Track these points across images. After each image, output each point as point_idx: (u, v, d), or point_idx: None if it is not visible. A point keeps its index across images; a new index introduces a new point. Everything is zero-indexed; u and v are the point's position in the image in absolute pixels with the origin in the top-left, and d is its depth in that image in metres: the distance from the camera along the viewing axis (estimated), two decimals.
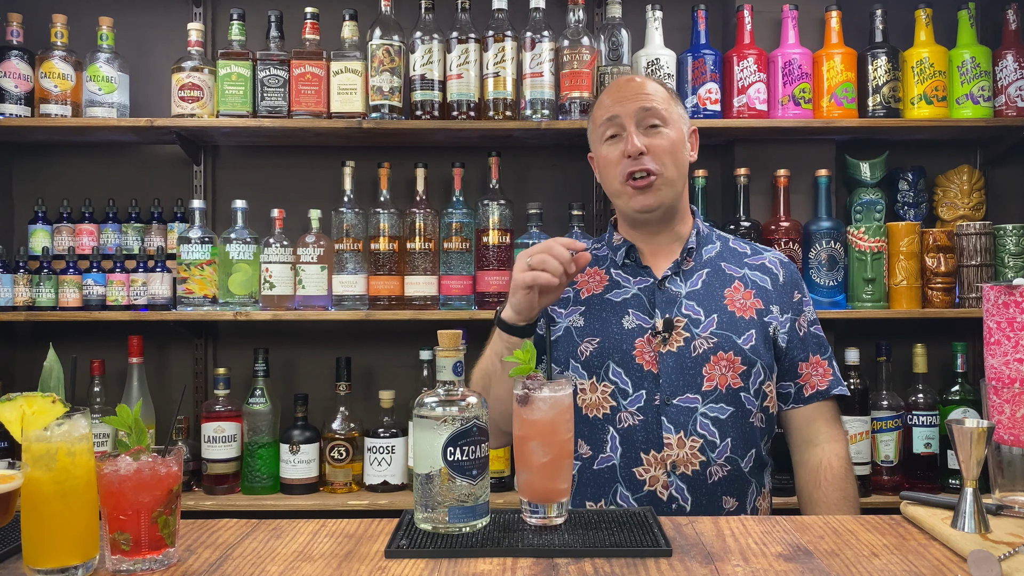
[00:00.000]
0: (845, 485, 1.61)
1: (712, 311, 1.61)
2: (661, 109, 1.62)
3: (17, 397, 1.05)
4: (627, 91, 1.65)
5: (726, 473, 1.55)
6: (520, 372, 1.22)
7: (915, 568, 1.06)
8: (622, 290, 1.65)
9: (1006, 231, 2.50)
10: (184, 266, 2.43)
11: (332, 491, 2.44)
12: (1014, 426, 1.19)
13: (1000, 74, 2.54)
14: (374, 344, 2.69)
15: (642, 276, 1.66)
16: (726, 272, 1.67)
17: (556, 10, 2.63)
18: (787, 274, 1.69)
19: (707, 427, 1.55)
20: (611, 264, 1.70)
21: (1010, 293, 1.21)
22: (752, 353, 1.58)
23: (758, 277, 1.67)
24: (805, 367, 1.65)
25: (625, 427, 1.56)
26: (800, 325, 1.66)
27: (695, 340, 1.58)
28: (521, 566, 1.06)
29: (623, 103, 1.63)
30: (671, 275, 1.64)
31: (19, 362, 2.69)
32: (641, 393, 1.56)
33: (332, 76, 2.46)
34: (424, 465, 1.16)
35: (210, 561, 1.10)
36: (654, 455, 1.54)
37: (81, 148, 2.70)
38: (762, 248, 1.76)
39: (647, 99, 1.62)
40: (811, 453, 1.66)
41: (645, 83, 1.66)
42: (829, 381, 1.66)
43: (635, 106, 1.61)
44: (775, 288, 1.66)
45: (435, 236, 2.48)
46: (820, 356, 1.67)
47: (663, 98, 1.64)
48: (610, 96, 1.67)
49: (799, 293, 1.69)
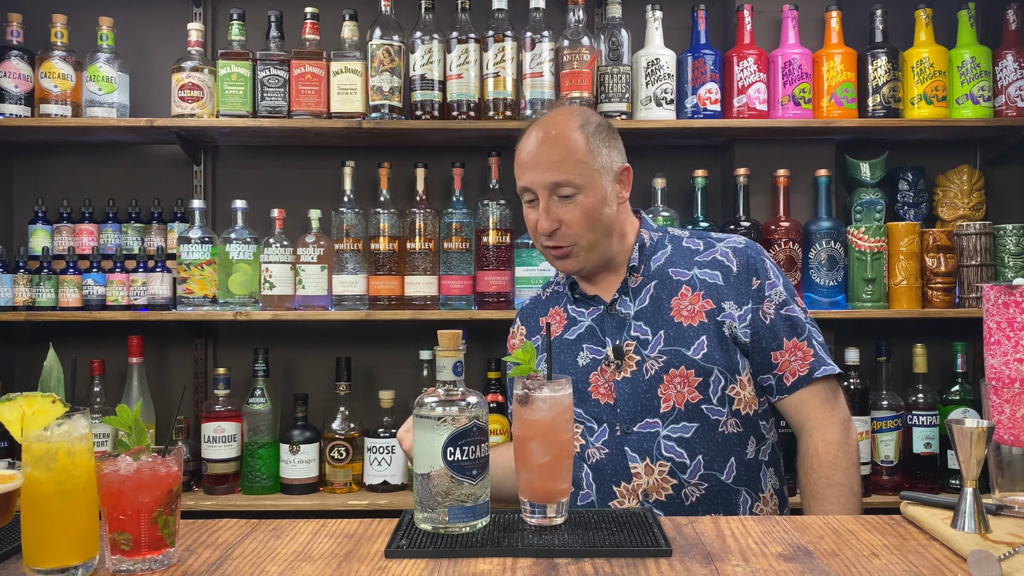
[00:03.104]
0: (831, 472, 1.53)
1: (659, 327, 1.57)
2: (574, 178, 1.54)
3: (17, 397, 1.05)
4: (540, 158, 1.57)
5: (704, 492, 1.52)
6: (520, 372, 1.22)
7: (915, 568, 1.06)
8: (577, 325, 1.65)
9: (1006, 231, 2.50)
10: (184, 266, 2.43)
11: (332, 491, 2.44)
12: (1014, 426, 1.19)
13: (1000, 74, 2.54)
14: (374, 344, 2.69)
15: (594, 306, 1.64)
16: (673, 279, 1.61)
17: (556, 10, 2.63)
18: (742, 262, 1.60)
19: (672, 449, 1.52)
20: (568, 300, 1.69)
21: (1010, 293, 1.21)
22: (705, 361, 1.54)
23: (707, 275, 1.60)
24: (780, 355, 1.57)
25: (594, 462, 1.56)
26: (764, 313, 1.57)
27: (646, 362, 1.55)
28: (521, 566, 1.06)
29: (535, 172, 1.57)
30: (619, 296, 1.62)
31: (19, 362, 2.69)
32: (604, 427, 1.56)
33: (332, 76, 2.46)
34: (424, 465, 1.16)
35: (210, 561, 1.10)
36: (625, 486, 1.54)
37: (81, 148, 2.70)
38: (717, 239, 1.66)
39: (558, 170, 1.54)
40: (801, 440, 1.59)
41: (557, 144, 1.56)
42: (810, 364, 1.57)
43: (546, 179, 1.55)
44: (727, 282, 1.58)
45: (435, 236, 2.48)
46: (797, 339, 1.57)
47: (578, 159, 1.55)
48: (525, 153, 1.60)
49: (757, 279, 1.59)
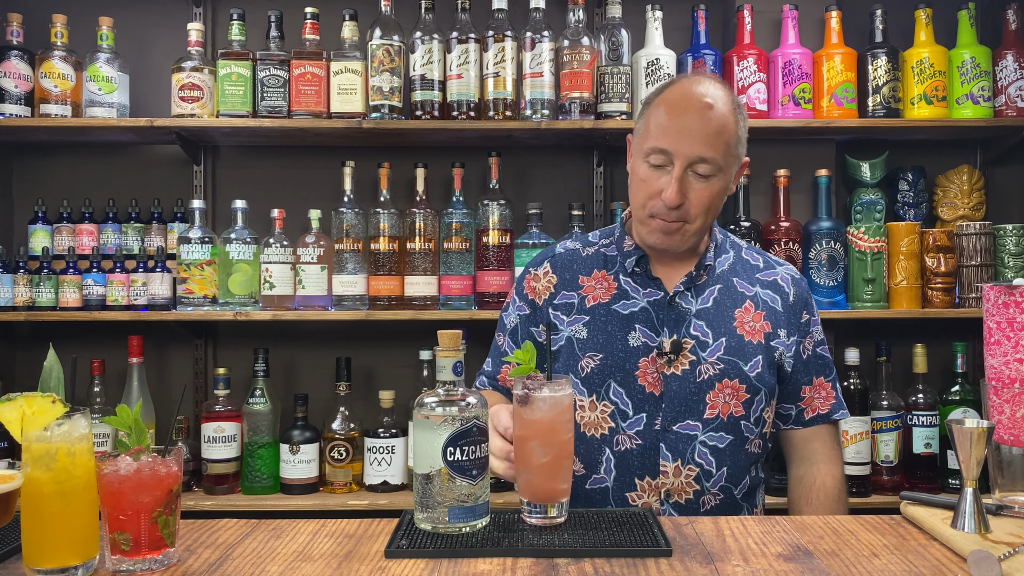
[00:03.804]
0: (836, 507, 1.57)
1: (721, 334, 1.53)
2: (720, 159, 1.45)
3: (17, 397, 1.05)
4: (694, 127, 1.44)
5: (719, 502, 1.52)
6: (520, 372, 1.22)
7: (915, 568, 1.06)
8: (630, 301, 1.55)
9: (1006, 231, 2.50)
10: (184, 266, 2.43)
11: (332, 491, 2.44)
12: (1014, 426, 1.19)
13: (1000, 74, 2.54)
14: (374, 344, 2.69)
15: (652, 288, 1.55)
16: (738, 289, 1.58)
17: (556, 10, 2.63)
18: (797, 293, 1.60)
19: (704, 456, 1.50)
20: (620, 270, 1.58)
21: (1010, 293, 1.21)
22: (757, 381, 1.52)
23: (769, 296, 1.58)
24: (808, 390, 1.60)
25: (622, 450, 1.51)
26: (805, 347, 1.60)
27: (701, 364, 1.51)
28: (521, 566, 1.06)
29: (682, 140, 1.44)
30: (683, 290, 1.55)
31: (19, 362, 2.69)
32: (641, 416, 1.50)
33: (332, 76, 2.46)
34: (424, 465, 1.16)
35: (210, 561, 1.10)
36: (648, 481, 1.50)
37: (81, 148, 2.70)
38: (775, 261, 1.65)
39: (709, 146, 1.44)
40: (806, 470, 1.62)
41: (715, 119, 1.44)
42: (831, 405, 1.62)
43: (694, 151, 1.43)
44: (784, 308, 1.58)
45: (435, 236, 2.48)
46: (824, 379, 1.62)
47: (727, 140, 1.46)
48: (675, 115, 1.46)
49: (807, 313, 1.61)
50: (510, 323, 1.66)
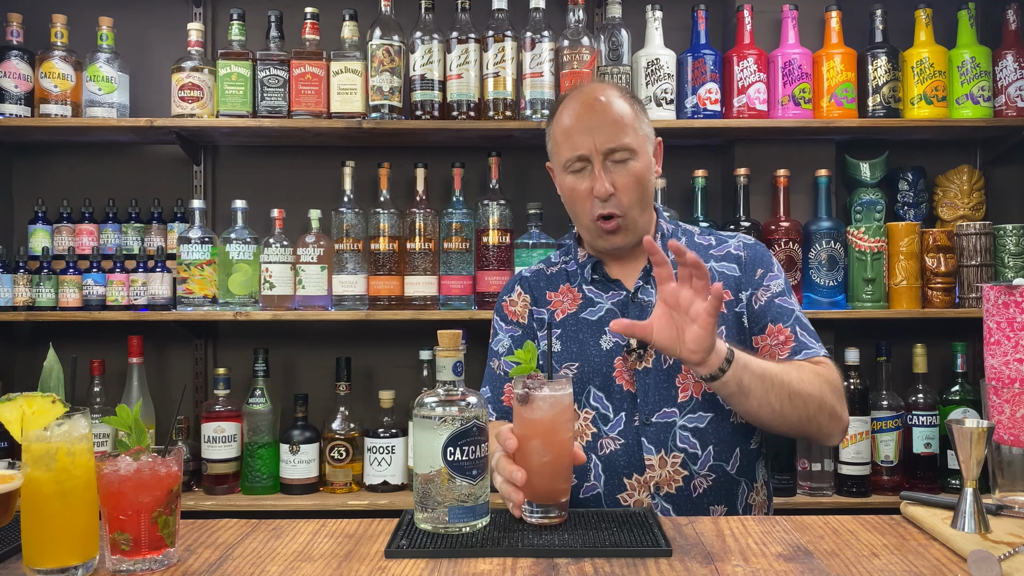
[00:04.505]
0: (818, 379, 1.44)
1: None
2: (629, 141, 1.52)
3: (17, 397, 1.05)
4: (593, 119, 1.53)
5: (711, 483, 1.51)
6: (520, 372, 1.22)
7: (915, 568, 1.06)
8: (596, 307, 1.60)
9: (1006, 231, 2.50)
10: (184, 266, 2.43)
11: (332, 491, 2.44)
12: (1014, 426, 1.19)
13: (1000, 74, 2.54)
14: (374, 344, 2.69)
15: (614, 290, 1.61)
16: None
17: (556, 10, 2.63)
18: (750, 255, 1.61)
19: (687, 439, 1.51)
20: (582, 280, 1.64)
21: (1010, 293, 1.21)
22: None
23: (725, 267, 1.60)
24: (761, 339, 1.55)
25: (607, 454, 1.52)
26: (758, 299, 1.57)
27: None
28: (521, 566, 1.06)
29: (589, 135, 1.52)
30: (642, 284, 1.59)
31: (19, 362, 2.69)
32: (621, 416, 1.52)
33: (332, 76, 2.46)
34: (424, 465, 1.16)
35: (210, 561, 1.10)
36: (637, 478, 1.51)
37: (81, 148, 2.70)
38: (727, 236, 1.68)
39: (615, 133, 1.52)
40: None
41: (611, 104, 1.54)
42: (791, 348, 1.52)
43: (603, 143, 1.51)
44: (741, 272, 1.59)
45: (435, 236, 2.48)
46: (782, 324, 1.54)
47: (630, 123, 1.53)
48: (574, 120, 1.54)
49: (762, 269, 1.60)
50: (503, 347, 1.67)
